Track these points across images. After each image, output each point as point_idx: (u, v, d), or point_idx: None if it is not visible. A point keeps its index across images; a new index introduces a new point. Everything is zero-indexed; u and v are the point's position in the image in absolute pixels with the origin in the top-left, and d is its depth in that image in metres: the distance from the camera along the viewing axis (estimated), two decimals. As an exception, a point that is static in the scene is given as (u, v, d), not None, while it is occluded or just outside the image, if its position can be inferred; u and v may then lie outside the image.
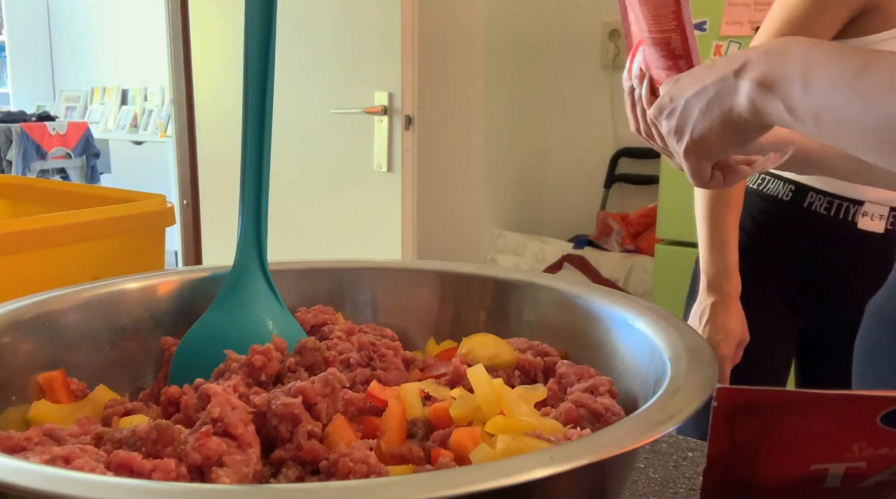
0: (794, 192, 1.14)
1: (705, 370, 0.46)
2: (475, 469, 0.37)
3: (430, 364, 0.62)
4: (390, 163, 2.57)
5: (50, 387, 0.55)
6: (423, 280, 0.70)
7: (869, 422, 0.38)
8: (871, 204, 1.12)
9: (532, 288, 0.66)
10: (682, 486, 0.60)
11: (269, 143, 0.60)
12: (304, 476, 0.45)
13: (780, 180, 1.16)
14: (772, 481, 0.41)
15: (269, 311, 0.61)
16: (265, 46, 0.58)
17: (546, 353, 0.61)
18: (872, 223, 1.13)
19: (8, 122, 4.54)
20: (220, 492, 0.36)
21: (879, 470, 0.40)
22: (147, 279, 0.65)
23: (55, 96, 5.29)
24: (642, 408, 0.42)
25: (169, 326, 0.63)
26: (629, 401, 0.53)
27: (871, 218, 1.13)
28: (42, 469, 0.36)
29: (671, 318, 0.56)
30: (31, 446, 0.44)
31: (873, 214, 1.13)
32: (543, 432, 0.46)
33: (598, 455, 0.36)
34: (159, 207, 1.00)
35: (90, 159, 4.79)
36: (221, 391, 0.47)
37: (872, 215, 1.13)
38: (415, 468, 0.46)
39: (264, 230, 0.61)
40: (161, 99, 4.78)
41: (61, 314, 0.59)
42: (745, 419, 0.39)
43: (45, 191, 1.25)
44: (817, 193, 1.13)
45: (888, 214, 1.13)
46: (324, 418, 0.48)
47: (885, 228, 1.13)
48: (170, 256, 3.77)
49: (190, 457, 0.42)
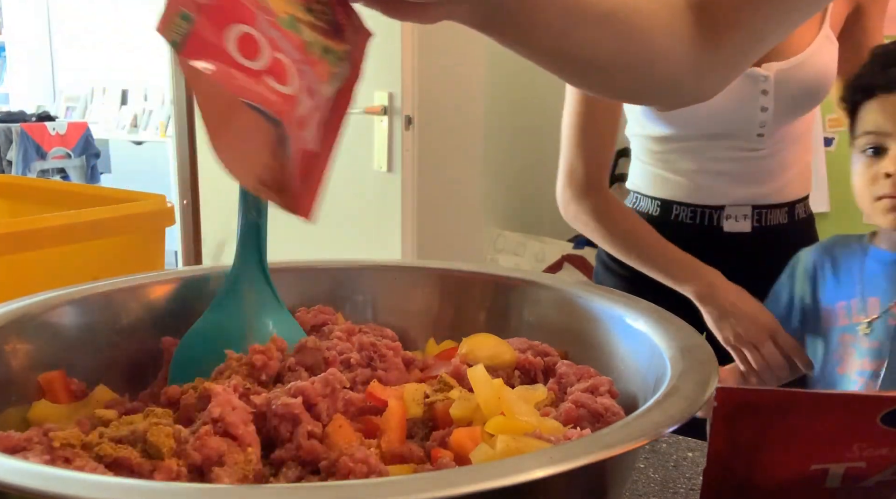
0: (660, 207, 1.18)
1: (705, 370, 0.46)
2: (475, 469, 0.37)
3: (430, 364, 0.62)
4: (390, 163, 2.57)
5: (50, 387, 0.55)
6: (423, 280, 0.70)
7: (869, 422, 0.38)
8: (732, 207, 1.15)
9: (532, 288, 0.66)
10: (682, 486, 0.60)
11: (269, 143, 0.60)
12: (304, 476, 0.45)
13: (648, 198, 1.20)
14: (772, 481, 0.41)
15: (269, 311, 0.61)
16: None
17: (546, 353, 0.61)
18: (738, 224, 1.16)
19: (8, 122, 4.54)
20: (220, 492, 0.36)
21: (879, 470, 0.40)
22: (147, 279, 0.65)
23: (55, 96, 5.29)
24: (642, 408, 0.42)
25: (169, 326, 0.63)
26: (629, 401, 0.53)
27: (735, 220, 1.16)
28: (42, 469, 0.36)
29: (671, 318, 0.56)
30: (31, 446, 0.44)
31: (736, 215, 1.16)
32: (543, 432, 0.46)
33: (598, 455, 0.36)
34: (159, 207, 1.01)
35: (90, 159, 4.79)
36: (222, 391, 0.47)
37: (736, 217, 1.16)
38: (415, 468, 0.46)
39: (264, 230, 0.61)
40: (161, 99, 4.78)
41: (61, 314, 0.59)
42: (745, 419, 0.39)
43: (45, 191, 1.25)
44: (680, 205, 1.17)
45: (751, 212, 1.16)
46: (324, 418, 0.48)
47: (752, 225, 1.16)
48: (170, 256, 3.76)
49: (190, 457, 0.42)
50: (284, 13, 0.46)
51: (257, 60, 0.44)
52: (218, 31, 0.42)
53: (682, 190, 1.16)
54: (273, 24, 0.45)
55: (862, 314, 1.03)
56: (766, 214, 1.16)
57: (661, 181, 1.18)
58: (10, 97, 5.33)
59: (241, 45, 0.43)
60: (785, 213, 1.18)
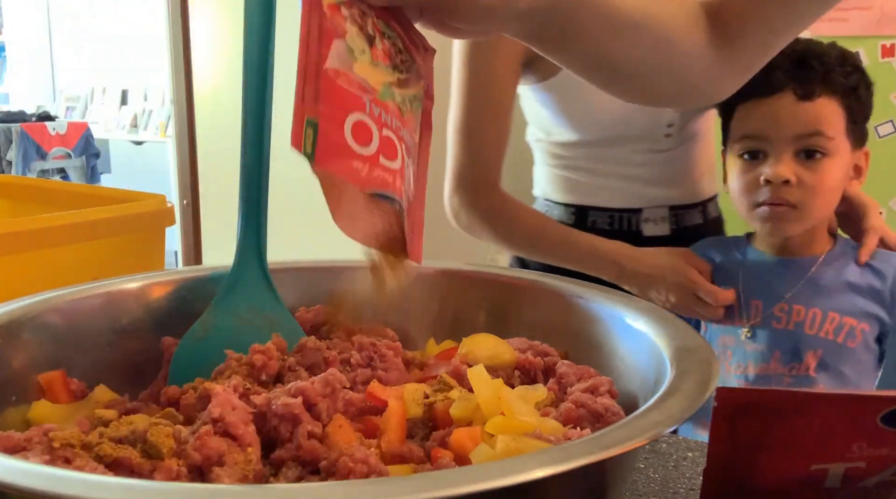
0: (575, 214, 1.15)
1: (705, 370, 0.46)
2: (475, 469, 0.37)
3: (430, 364, 0.62)
4: (390, 163, 2.56)
5: (50, 387, 0.55)
6: (423, 280, 0.70)
7: (869, 422, 0.38)
8: (649, 209, 1.13)
9: (532, 288, 0.66)
10: (682, 486, 0.60)
11: (269, 142, 0.60)
12: (304, 476, 0.45)
13: (560, 205, 1.16)
14: (772, 481, 0.41)
15: (269, 311, 0.61)
16: (265, 46, 0.58)
17: (546, 353, 0.61)
18: (657, 227, 1.14)
19: (8, 122, 4.54)
20: (220, 492, 0.36)
21: (879, 470, 0.40)
22: (147, 279, 0.65)
23: (55, 96, 5.29)
24: (642, 408, 0.42)
25: (169, 326, 0.63)
26: (629, 401, 0.53)
27: (654, 223, 1.14)
28: (42, 469, 0.36)
29: (671, 318, 0.56)
30: (31, 446, 0.44)
31: (655, 218, 1.14)
32: (543, 432, 0.46)
33: (598, 455, 0.36)
34: (159, 207, 1.00)
35: (90, 159, 4.79)
36: (222, 391, 0.47)
37: (655, 220, 1.14)
38: (415, 468, 0.46)
39: (264, 230, 0.61)
40: (161, 99, 4.78)
41: (61, 314, 0.59)
42: (745, 419, 0.39)
43: (45, 191, 1.25)
44: (596, 211, 1.14)
45: (668, 214, 1.14)
46: (324, 418, 0.48)
47: (671, 228, 1.14)
48: (170, 256, 3.77)
49: (190, 457, 0.42)
50: (380, 84, 0.49)
51: (371, 145, 0.47)
52: (339, 128, 0.46)
53: (596, 195, 1.13)
54: (375, 102, 0.48)
55: (744, 318, 1.02)
56: (682, 215, 1.15)
57: (573, 186, 1.15)
58: (10, 97, 5.33)
59: (356, 134, 0.47)
60: (699, 213, 1.17)
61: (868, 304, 0.99)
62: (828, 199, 0.97)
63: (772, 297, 1.01)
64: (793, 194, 0.94)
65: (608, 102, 1.03)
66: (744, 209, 1.00)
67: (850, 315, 0.98)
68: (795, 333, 0.99)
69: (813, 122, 0.93)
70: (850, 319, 0.98)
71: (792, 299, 1.00)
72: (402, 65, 0.51)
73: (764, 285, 1.02)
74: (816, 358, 0.98)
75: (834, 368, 0.98)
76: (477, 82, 1.06)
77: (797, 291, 1.00)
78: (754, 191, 0.97)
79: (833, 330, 0.98)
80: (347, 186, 0.48)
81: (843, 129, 0.95)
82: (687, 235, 1.14)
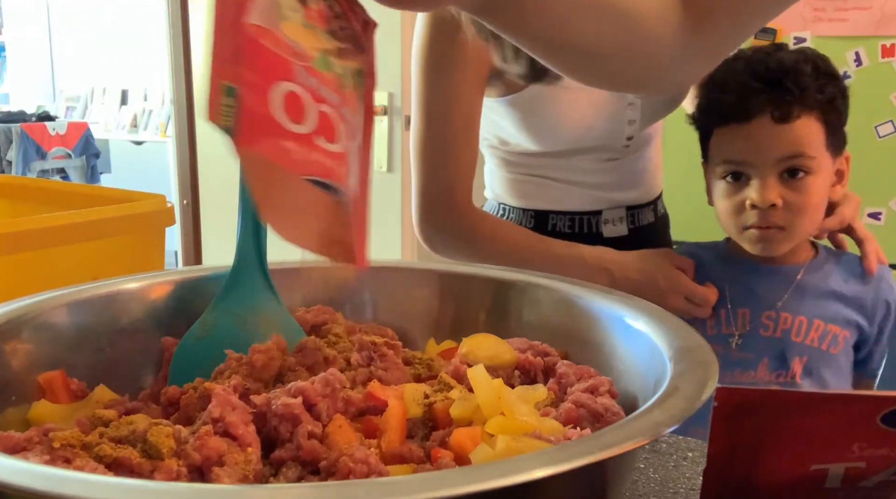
0: (535, 218, 1.14)
1: (705, 370, 0.46)
2: (475, 469, 0.37)
3: (430, 364, 0.62)
4: (390, 163, 2.57)
5: (50, 387, 0.55)
6: (423, 280, 0.70)
7: (869, 422, 0.38)
8: (608, 211, 1.14)
9: (532, 288, 0.66)
10: (682, 486, 0.60)
11: (269, 143, 0.60)
12: (304, 476, 0.45)
13: (518, 210, 1.15)
14: (772, 481, 0.41)
15: (269, 311, 0.61)
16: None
17: (546, 353, 0.61)
18: (615, 228, 1.14)
19: (8, 122, 4.54)
20: (220, 492, 0.36)
21: (879, 470, 0.40)
22: (147, 279, 0.65)
23: (55, 96, 5.29)
24: (642, 408, 0.42)
25: (169, 326, 0.63)
26: (629, 401, 0.53)
27: (613, 224, 1.14)
28: (42, 469, 0.36)
29: (671, 318, 0.56)
30: (31, 446, 0.44)
31: (613, 219, 1.14)
32: (543, 432, 0.46)
33: (598, 455, 0.36)
34: (159, 207, 1.01)
35: (90, 159, 4.79)
36: (222, 391, 0.47)
37: (614, 221, 1.14)
38: (415, 468, 0.46)
39: (264, 230, 0.61)
40: (161, 99, 4.78)
41: (61, 314, 0.59)
42: (745, 419, 0.39)
43: (45, 191, 1.25)
44: (556, 214, 1.13)
45: (626, 214, 1.15)
46: (324, 418, 0.48)
47: (628, 228, 1.15)
48: (170, 256, 3.77)
49: (190, 457, 0.42)
50: (315, 51, 0.42)
51: (305, 123, 0.40)
52: (263, 97, 0.39)
53: (556, 200, 1.13)
54: (309, 71, 0.41)
55: (732, 326, 1.02)
56: (637, 214, 1.16)
57: (532, 192, 1.14)
58: (10, 97, 5.33)
59: (287, 107, 0.40)
60: (651, 211, 1.19)
61: (850, 312, 1.00)
62: (814, 215, 0.97)
63: (759, 305, 1.01)
64: (780, 217, 0.94)
65: (572, 120, 1.03)
66: (732, 231, 1.00)
67: (833, 322, 0.99)
68: (783, 340, 1.00)
69: (794, 143, 0.92)
70: (833, 327, 0.99)
71: (780, 307, 1.00)
72: (342, 32, 0.44)
73: (750, 294, 1.02)
74: (802, 364, 0.99)
75: (817, 373, 0.99)
76: (440, 98, 1.01)
77: (785, 300, 1.01)
78: (741, 214, 0.96)
79: (818, 337, 0.99)
80: (277, 172, 0.40)
81: (823, 144, 0.94)
82: (642, 234, 1.16)
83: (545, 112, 1.04)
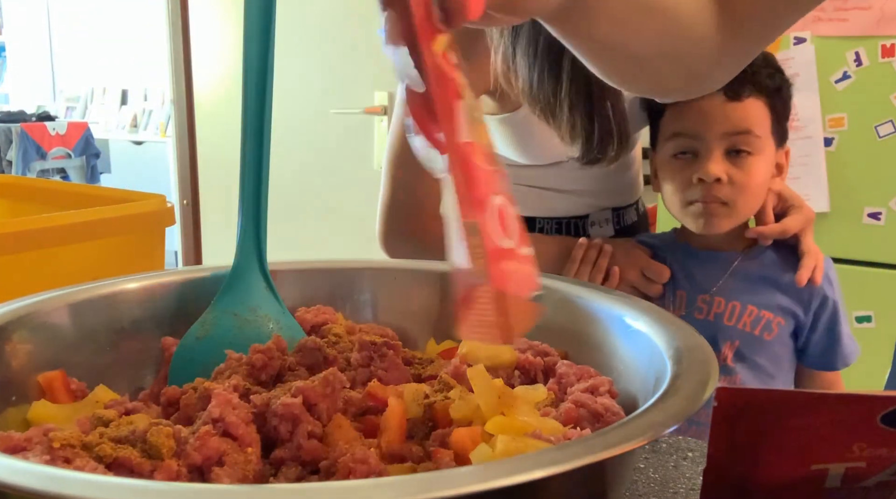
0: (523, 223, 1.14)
1: (705, 370, 0.46)
2: (475, 469, 0.37)
3: (429, 364, 0.62)
4: (390, 163, 2.56)
5: (50, 387, 0.55)
6: (423, 280, 0.70)
7: (869, 422, 0.38)
8: (595, 213, 1.15)
9: (532, 288, 0.66)
10: (682, 486, 0.60)
11: (269, 143, 0.60)
12: (304, 476, 0.45)
13: None
14: (772, 482, 0.41)
15: (269, 311, 0.61)
16: (265, 46, 0.58)
17: (546, 353, 0.61)
18: (602, 230, 1.16)
19: (8, 122, 4.54)
20: (220, 492, 0.36)
21: (879, 470, 0.40)
22: (147, 279, 0.65)
23: (55, 96, 5.29)
24: (642, 408, 0.42)
25: (169, 326, 0.63)
26: (629, 401, 0.53)
27: (599, 226, 1.16)
28: (42, 469, 0.36)
29: (671, 318, 0.56)
30: (31, 446, 0.44)
31: (600, 221, 1.16)
32: (543, 432, 0.46)
33: (598, 455, 0.36)
34: (159, 207, 1.01)
35: (90, 159, 4.79)
36: (222, 391, 0.47)
37: (600, 223, 1.16)
38: (415, 468, 0.46)
39: (264, 230, 0.61)
40: (161, 99, 4.78)
41: (61, 314, 0.59)
42: (744, 419, 0.39)
43: (45, 191, 1.25)
44: (544, 220, 1.15)
45: (612, 215, 1.16)
46: (324, 417, 0.48)
47: (614, 228, 1.17)
48: (170, 256, 3.77)
49: (190, 457, 0.42)
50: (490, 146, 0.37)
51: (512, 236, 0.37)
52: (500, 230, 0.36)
53: (544, 208, 1.13)
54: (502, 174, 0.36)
55: (670, 308, 1.05)
56: (622, 214, 1.18)
57: (520, 198, 1.12)
58: (10, 97, 5.33)
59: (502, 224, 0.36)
60: (634, 210, 1.21)
61: (786, 300, 1.03)
62: (755, 195, 1.00)
63: (696, 288, 1.05)
64: (723, 192, 0.98)
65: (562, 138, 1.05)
66: (676, 208, 1.03)
67: (767, 309, 1.02)
68: (714, 324, 1.03)
69: (742, 121, 0.97)
70: (767, 313, 1.02)
71: (714, 292, 1.04)
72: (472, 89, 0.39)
73: (689, 278, 1.05)
74: (733, 349, 1.02)
75: (750, 359, 1.02)
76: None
77: (720, 285, 1.04)
78: (687, 189, 1.00)
79: (751, 322, 1.02)
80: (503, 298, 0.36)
81: (768, 128, 0.99)
82: (627, 233, 1.18)
83: (536, 132, 1.05)
